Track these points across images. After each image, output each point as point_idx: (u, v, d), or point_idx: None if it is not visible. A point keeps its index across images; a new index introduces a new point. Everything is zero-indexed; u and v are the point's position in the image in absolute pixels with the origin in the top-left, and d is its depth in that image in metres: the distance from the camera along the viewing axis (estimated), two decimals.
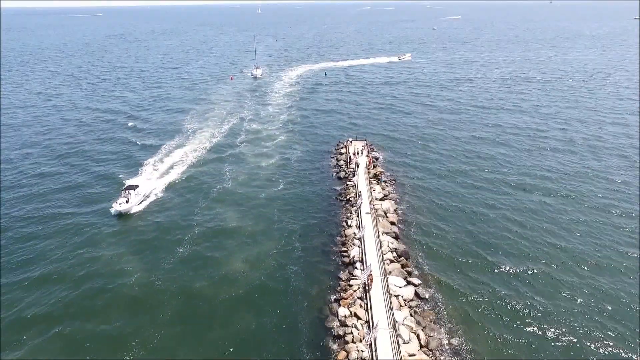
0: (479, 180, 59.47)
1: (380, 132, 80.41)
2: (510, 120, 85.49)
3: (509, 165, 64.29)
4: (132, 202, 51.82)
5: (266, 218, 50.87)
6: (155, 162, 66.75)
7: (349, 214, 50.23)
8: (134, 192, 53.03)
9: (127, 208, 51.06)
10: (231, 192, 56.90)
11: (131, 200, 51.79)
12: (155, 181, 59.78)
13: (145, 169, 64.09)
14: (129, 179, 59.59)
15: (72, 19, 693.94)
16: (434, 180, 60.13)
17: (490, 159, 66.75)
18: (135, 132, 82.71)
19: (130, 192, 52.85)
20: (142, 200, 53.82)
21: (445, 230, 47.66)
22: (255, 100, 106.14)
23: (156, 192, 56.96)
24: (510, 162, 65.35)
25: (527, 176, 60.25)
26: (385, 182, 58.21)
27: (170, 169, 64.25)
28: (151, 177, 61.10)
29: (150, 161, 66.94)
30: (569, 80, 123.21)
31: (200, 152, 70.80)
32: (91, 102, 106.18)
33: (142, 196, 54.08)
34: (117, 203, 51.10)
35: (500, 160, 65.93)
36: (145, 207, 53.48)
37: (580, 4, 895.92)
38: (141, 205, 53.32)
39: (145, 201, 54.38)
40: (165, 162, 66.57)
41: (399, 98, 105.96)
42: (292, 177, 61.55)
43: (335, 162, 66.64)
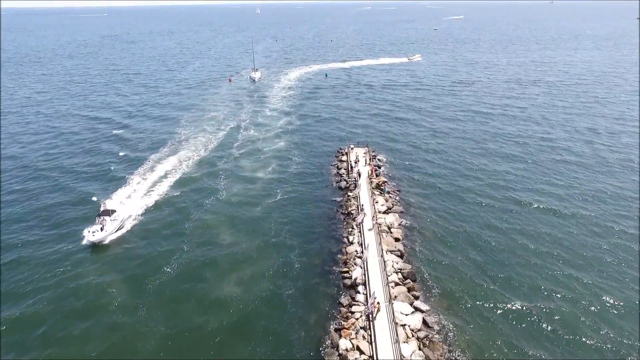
0: (485, 193, 56.16)
1: (382, 137, 77.17)
2: (516, 128, 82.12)
3: (516, 177, 60.83)
4: (108, 229, 46.00)
5: (262, 233, 47.64)
6: (142, 175, 61.75)
7: (350, 229, 46.98)
8: (109, 217, 46.97)
9: (102, 237, 45.19)
10: (225, 204, 53.61)
11: (107, 228, 46.00)
12: (138, 200, 54.47)
13: (128, 186, 58.57)
14: (106, 199, 54.17)
15: (74, 19, 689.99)
16: (439, 191, 56.84)
17: (496, 170, 63.36)
18: (121, 141, 77.24)
19: (106, 218, 46.78)
20: (120, 225, 47.91)
21: (453, 247, 44.42)
22: (253, 104, 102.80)
23: (139, 212, 51.58)
24: (517, 174, 61.88)
25: (536, 189, 56.96)
26: (388, 193, 54.97)
27: (157, 182, 59.19)
28: (133, 195, 55.68)
29: (135, 175, 61.76)
30: (576, 84, 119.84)
31: (192, 161, 67.00)
32: (78, 108, 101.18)
33: (120, 221, 48.07)
34: (90, 232, 45.34)
35: (507, 172, 62.54)
36: (126, 231, 47.89)
37: (581, 4, 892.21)
38: (119, 231, 47.48)
39: (125, 225, 48.63)
40: (153, 174, 61.56)
41: (401, 102, 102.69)
42: (290, 187, 58.31)
43: (336, 170, 63.40)
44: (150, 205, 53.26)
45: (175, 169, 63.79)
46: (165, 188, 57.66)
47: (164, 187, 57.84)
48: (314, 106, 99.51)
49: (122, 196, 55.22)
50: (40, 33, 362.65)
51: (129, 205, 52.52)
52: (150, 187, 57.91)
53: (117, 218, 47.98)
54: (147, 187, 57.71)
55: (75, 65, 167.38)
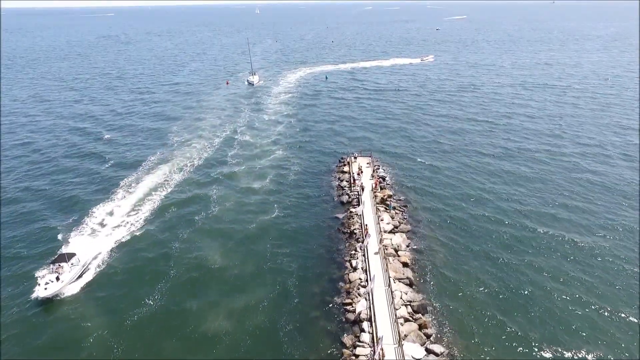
0: (496, 209, 51.93)
1: (385, 145, 72.91)
2: (525, 139, 77.85)
3: (529, 193, 56.60)
4: (65, 278, 37.72)
5: (257, 255, 43.44)
6: (126, 188, 56.72)
7: (353, 251, 42.76)
8: (67, 264, 38.69)
9: (55, 290, 36.54)
10: (217, 221, 49.36)
11: (63, 277, 37.72)
12: (119, 218, 49.29)
13: (110, 202, 53.16)
14: (69, 234, 46.21)
15: (77, 19, 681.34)
16: (448, 207, 52.56)
17: (506, 185, 59.05)
18: (106, 151, 71.38)
19: (62, 264, 38.57)
20: (83, 269, 39.84)
21: (467, 273, 40.20)
22: (250, 109, 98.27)
23: (120, 236, 45.76)
24: (530, 190, 57.64)
25: (551, 208, 52.71)
26: (394, 209, 50.74)
27: (143, 197, 54.12)
28: (116, 211, 50.59)
29: (119, 189, 56.64)
30: (585, 88, 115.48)
31: (183, 172, 62.53)
32: (68, 113, 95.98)
33: (83, 266, 39.86)
34: (42, 286, 36.80)
35: (519, 188, 58.30)
36: (93, 276, 39.96)
37: (582, 4, 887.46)
38: (82, 279, 39.07)
39: (92, 268, 40.89)
40: (139, 188, 56.65)
41: (405, 107, 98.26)
42: (288, 201, 54.07)
43: (338, 182, 59.15)
44: (134, 224, 48.70)
45: (164, 181, 59.42)
46: (151, 203, 53.22)
47: (150, 203, 53.39)
48: (313, 111, 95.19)
49: (98, 218, 49.43)
50: (37, 34, 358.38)
51: (98, 241, 45.01)
52: (135, 203, 53.27)
53: (79, 263, 39.91)
54: (131, 204, 53.04)
55: (67, 68, 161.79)
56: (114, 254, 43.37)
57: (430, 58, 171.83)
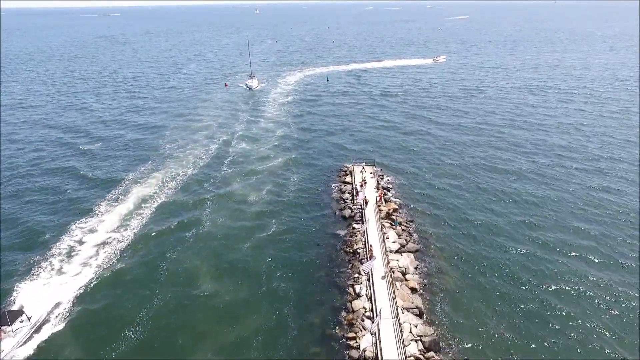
0: (510, 225, 48.23)
1: (389, 153, 69.20)
2: (535, 145, 74.18)
3: (544, 205, 52.93)
4: (6, 347, 31.00)
5: (251, 278, 39.74)
6: (111, 202, 52.56)
7: (356, 275, 39.04)
8: (10, 327, 31.72)
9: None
10: (208, 239, 45.62)
11: (3, 345, 31.06)
12: (101, 235, 45.37)
13: (92, 218, 48.74)
14: (21, 283, 38.32)
15: (78, 19, 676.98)
16: (458, 222, 48.88)
17: (521, 198, 55.33)
18: (91, 158, 67.52)
19: (5, 328, 31.73)
20: (31, 331, 32.56)
21: (483, 300, 36.49)
22: (248, 113, 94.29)
23: (99, 262, 41.24)
24: (545, 202, 53.94)
25: (570, 234, 48.99)
26: (401, 225, 47.02)
27: (130, 212, 50.13)
28: (99, 228, 46.50)
29: (102, 203, 52.27)
30: (596, 91, 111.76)
31: (175, 183, 58.56)
32: (53, 120, 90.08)
33: (32, 327, 32.61)
34: None
35: (533, 199, 54.59)
36: (55, 330, 33.39)
37: (583, 4, 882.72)
38: (32, 340, 32.14)
39: (52, 320, 34.28)
40: (125, 201, 52.73)
41: (409, 112, 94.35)
42: (285, 216, 50.34)
43: (339, 193, 55.41)
44: (114, 245, 44.60)
45: (154, 192, 55.59)
46: (138, 219, 49.34)
47: (137, 218, 49.52)
48: (313, 117, 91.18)
49: (68, 249, 43.40)
50: (34, 34, 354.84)
51: (70, 275, 39.42)
52: (119, 219, 49.19)
53: (28, 322, 32.64)
54: (114, 222, 48.78)
55: (60, 70, 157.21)
56: (86, 290, 39.11)
57: (443, 59, 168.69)
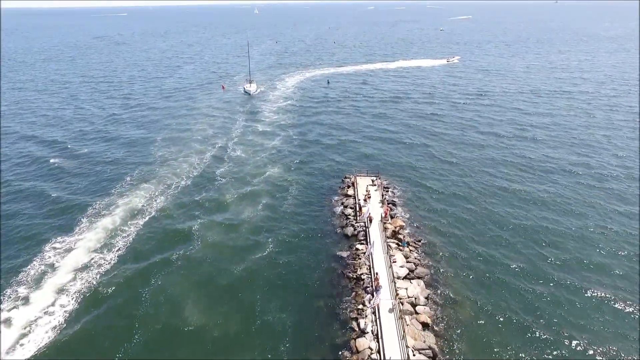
0: (534, 251, 44.09)
1: (394, 163, 65.02)
2: (545, 157, 69.96)
3: (564, 225, 48.84)
4: None
5: (243, 309, 35.65)
6: (91, 218, 48.18)
7: (360, 306, 34.90)
8: None
9: None
10: (198, 262, 41.47)
11: None
12: (71, 262, 40.52)
13: (70, 237, 44.24)
14: None
15: (80, 19, 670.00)
16: (469, 239, 44.81)
17: (537, 215, 51.20)
18: (71, 170, 62.39)
19: None
20: None
21: (504, 335, 32.35)
22: (244, 118, 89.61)
23: (59, 310, 35.16)
24: (564, 222, 49.90)
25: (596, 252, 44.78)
26: (409, 246, 42.90)
27: (115, 228, 46.15)
28: (74, 252, 41.91)
29: (83, 219, 47.58)
30: (606, 95, 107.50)
31: (163, 197, 53.97)
32: (39, 121, 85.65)
33: None
34: None
35: (551, 217, 50.49)
36: None
37: (585, 4, 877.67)
38: None
39: None
40: (109, 215, 48.35)
41: (415, 117, 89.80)
42: (283, 234, 46.21)
43: (341, 208, 51.26)
44: (95, 267, 40.48)
45: (141, 206, 51.40)
46: (122, 238, 45.10)
47: (121, 237, 45.29)
48: (313, 122, 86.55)
49: (45, 263, 40.39)
50: (31, 34, 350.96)
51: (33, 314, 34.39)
52: (104, 237, 45.05)
53: None
54: (97, 238, 44.73)
55: (52, 72, 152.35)
56: (56, 325, 34.77)
57: (456, 59, 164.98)
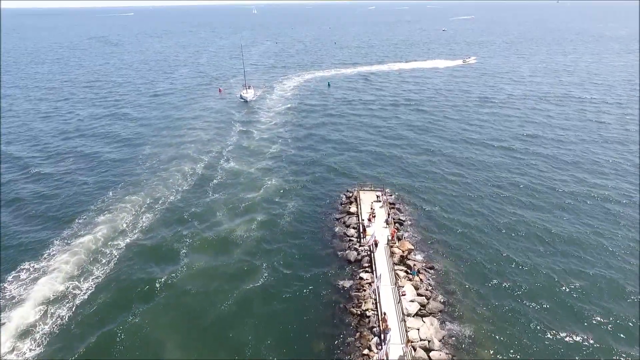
0: (561, 278, 39.53)
1: (400, 174, 60.40)
2: (553, 172, 65.38)
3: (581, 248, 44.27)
4: None
5: (232, 352, 31.09)
6: (62, 244, 43.40)
7: (365, 351, 30.37)
8: None
9: None
10: (180, 293, 36.82)
11: None
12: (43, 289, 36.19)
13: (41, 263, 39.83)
14: None
15: (82, 19, 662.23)
16: (491, 263, 40.28)
17: (568, 237, 46.65)
18: (48, 183, 57.55)
19: None
20: None
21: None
22: (240, 124, 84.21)
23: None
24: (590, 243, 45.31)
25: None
26: (419, 274, 38.33)
27: (84, 264, 39.97)
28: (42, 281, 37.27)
29: (47, 252, 41.69)
30: (618, 102, 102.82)
31: (148, 214, 49.43)
32: (5, 135, 78.87)
33: None
34: None
35: (575, 237, 45.93)
36: None
37: (587, 4, 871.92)
38: None
39: None
40: (80, 241, 43.22)
41: (420, 124, 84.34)
42: (279, 259, 41.63)
43: (343, 227, 46.68)
44: (66, 302, 35.70)
45: (125, 225, 46.83)
46: (100, 263, 40.49)
47: (99, 262, 40.68)
48: (312, 129, 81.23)
49: (9, 295, 35.89)
50: (26, 35, 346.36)
51: None
52: (79, 263, 40.41)
53: None
54: (72, 264, 40.11)
55: (43, 74, 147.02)
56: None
57: (472, 60, 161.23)
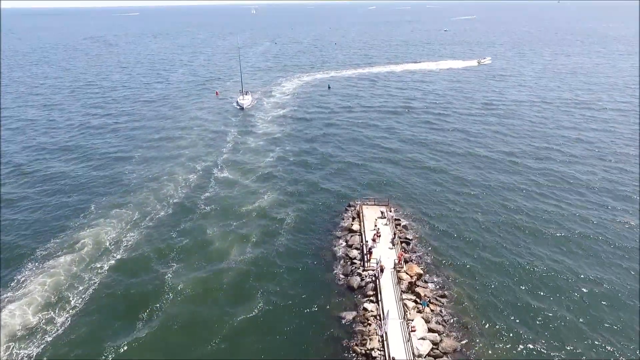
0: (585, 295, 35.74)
1: (405, 186, 56.56)
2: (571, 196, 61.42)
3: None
4: None
5: None
6: (39, 266, 39.68)
7: None
8: None
9: None
10: (164, 328, 32.88)
11: None
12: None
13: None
14: None
15: (83, 19, 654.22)
16: (511, 288, 36.51)
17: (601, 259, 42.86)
18: (25, 197, 53.72)
19: None
20: None
21: None
22: (236, 130, 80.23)
23: None
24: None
25: None
26: (430, 304, 34.52)
27: (61, 290, 36.26)
28: None
29: (18, 281, 37.53)
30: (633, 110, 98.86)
31: (134, 233, 45.44)
32: None
33: None
34: None
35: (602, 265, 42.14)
36: None
37: (588, 4, 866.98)
38: None
39: None
40: (60, 261, 39.66)
41: (429, 130, 79.81)
42: (274, 285, 37.79)
43: (345, 248, 42.87)
44: (36, 341, 31.76)
45: (107, 244, 43.06)
46: (78, 291, 36.57)
47: (76, 289, 36.77)
48: (311, 136, 76.71)
49: None
50: (24, 35, 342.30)
51: None
52: (56, 289, 36.55)
53: None
54: (47, 291, 36.22)
55: (33, 76, 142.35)
56: None
57: (488, 60, 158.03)
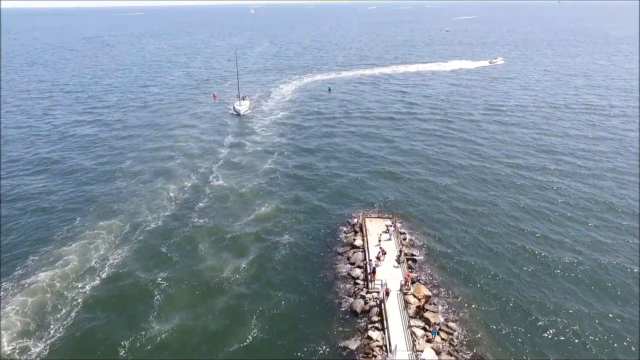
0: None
1: (411, 196, 53.63)
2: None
3: None
4: None
5: None
6: (16, 286, 36.70)
7: None
8: None
9: None
10: (153, 354, 30.19)
11: None
12: None
13: None
14: None
15: (84, 19, 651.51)
16: (531, 314, 33.62)
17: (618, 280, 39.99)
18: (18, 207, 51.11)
19: None
20: None
21: None
22: (231, 136, 76.86)
23: None
24: None
25: None
26: (440, 332, 31.64)
27: (40, 316, 33.39)
28: None
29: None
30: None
31: (122, 249, 42.47)
32: None
33: None
34: None
35: None
36: None
37: (588, 4, 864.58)
38: None
39: None
40: (33, 289, 36.05)
41: (436, 137, 76.22)
42: (271, 308, 34.84)
43: (347, 266, 39.98)
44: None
45: (93, 262, 40.11)
46: (58, 314, 33.61)
47: (57, 312, 33.78)
48: (311, 143, 73.32)
49: None
50: (21, 36, 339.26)
51: None
52: (35, 314, 33.59)
53: None
54: (25, 317, 33.29)
55: (23, 78, 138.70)
56: None
57: (500, 60, 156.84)
